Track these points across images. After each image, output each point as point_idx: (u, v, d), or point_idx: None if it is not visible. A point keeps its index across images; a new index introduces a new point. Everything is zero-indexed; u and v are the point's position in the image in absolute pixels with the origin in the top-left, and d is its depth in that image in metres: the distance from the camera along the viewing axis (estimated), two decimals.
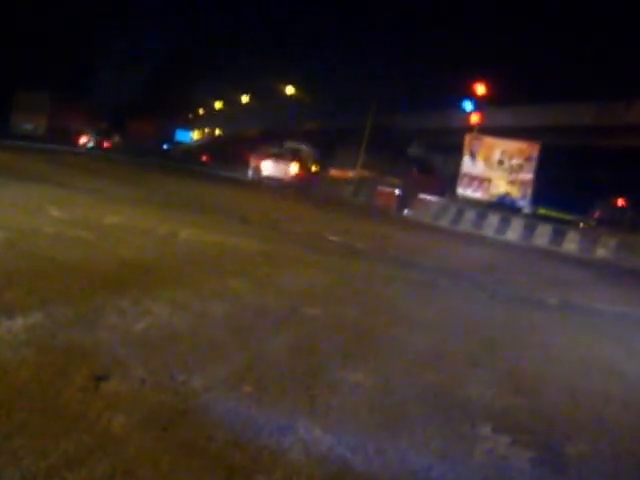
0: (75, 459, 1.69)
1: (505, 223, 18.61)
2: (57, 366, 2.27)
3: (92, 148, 32.64)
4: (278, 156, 28.72)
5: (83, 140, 33.47)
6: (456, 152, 24.99)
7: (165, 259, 4.83)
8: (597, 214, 28.09)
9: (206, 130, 66.11)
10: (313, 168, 30.56)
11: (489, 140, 22.93)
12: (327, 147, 34.32)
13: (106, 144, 34.70)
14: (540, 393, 3.12)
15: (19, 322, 2.65)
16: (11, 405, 1.92)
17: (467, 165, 23.01)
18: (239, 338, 3.06)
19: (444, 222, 19.66)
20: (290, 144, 31.90)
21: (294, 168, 27.86)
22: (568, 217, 25.71)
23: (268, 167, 28.64)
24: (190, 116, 61.50)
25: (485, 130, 24.23)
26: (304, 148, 31.51)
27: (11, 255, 3.96)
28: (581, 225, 21.71)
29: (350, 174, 30.68)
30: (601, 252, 16.22)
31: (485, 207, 20.67)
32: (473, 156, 22.81)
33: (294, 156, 28.88)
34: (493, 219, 18.97)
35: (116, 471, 1.67)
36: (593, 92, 27.12)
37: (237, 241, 6.60)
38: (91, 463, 1.69)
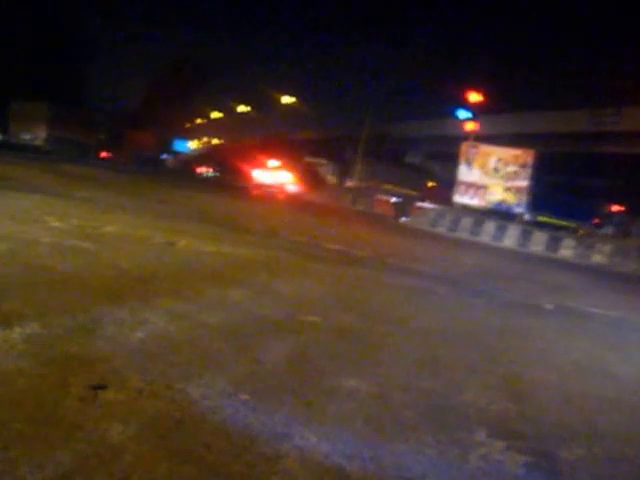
0: (72, 469, 1.70)
1: (502, 230, 18.70)
2: (54, 376, 2.28)
3: (211, 177, 33.44)
4: (275, 166, 29.50)
5: (201, 169, 34.78)
6: (452, 160, 25.14)
7: (163, 268, 4.84)
8: (596, 220, 28.23)
9: (204, 140, 66.22)
10: (329, 181, 31.63)
11: (485, 148, 23.08)
12: (330, 156, 35.04)
13: (104, 154, 34.90)
14: (535, 398, 3.14)
15: (17, 332, 2.66)
16: (8, 415, 1.93)
17: (463, 173, 23.14)
18: (237, 346, 3.07)
19: (442, 229, 19.74)
20: (309, 158, 33.04)
21: (287, 177, 28.43)
22: (568, 224, 25.85)
23: (264, 176, 29.12)
24: (188, 126, 61.62)
25: (481, 138, 24.40)
26: (322, 162, 32.56)
27: (9, 265, 3.97)
28: (581, 232, 21.83)
29: (369, 185, 31.01)
30: (596, 258, 16.33)
31: (482, 214, 20.77)
32: (469, 164, 22.94)
33: (293, 167, 29.66)
34: (490, 226, 19.06)
35: None
36: (586, 100, 27.37)
37: (235, 250, 6.62)
38: (88, 473, 1.70)
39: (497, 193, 22.27)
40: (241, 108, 52.75)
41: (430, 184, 35.82)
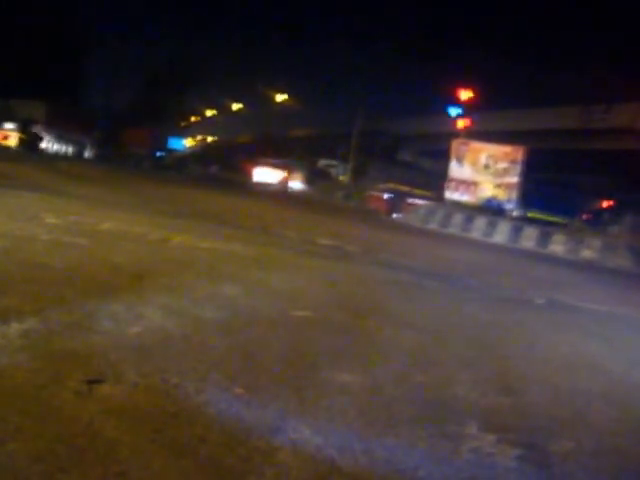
0: (68, 462, 1.72)
1: (492, 226, 18.81)
2: (51, 370, 2.29)
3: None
4: (272, 164, 29.92)
5: (285, 176, 33.15)
6: (444, 157, 25.23)
7: (158, 264, 4.86)
8: (585, 216, 28.45)
9: (199, 137, 65.90)
10: (341, 181, 32.49)
11: (475, 145, 23.20)
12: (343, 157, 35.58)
13: (100, 151, 34.79)
14: (525, 392, 3.18)
15: (14, 327, 2.67)
16: (5, 409, 1.94)
17: (454, 169, 23.24)
18: (231, 341, 3.09)
19: (433, 225, 19.83)
20: (324, 161, 33.64)
21: (282, 175, 28.77)
22: (557, 220, 26.06)
23: (261, 173, 29.33)
24: (183, 124, 61.31)
25: (472, 135, 24.51)
26: (334, 163, 33.16)
27: (6, 262, 3.97)
28: (570, 227, 22.01)
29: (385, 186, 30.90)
30: (586, 253, 16.47)
31: (472, 210, 20.88)
32: (460, 161, 23.05)
33: (290, 164, 30.22)
34: (480, 222, 19.16)
35: (109, 473, 1.70)
36: (576, 97, 27.52)
37: (229, 246, 6.63)
38: (84, 466, 1.71)
39: (487, 189, 22.40)
40: (235, 106, 52.64)
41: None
